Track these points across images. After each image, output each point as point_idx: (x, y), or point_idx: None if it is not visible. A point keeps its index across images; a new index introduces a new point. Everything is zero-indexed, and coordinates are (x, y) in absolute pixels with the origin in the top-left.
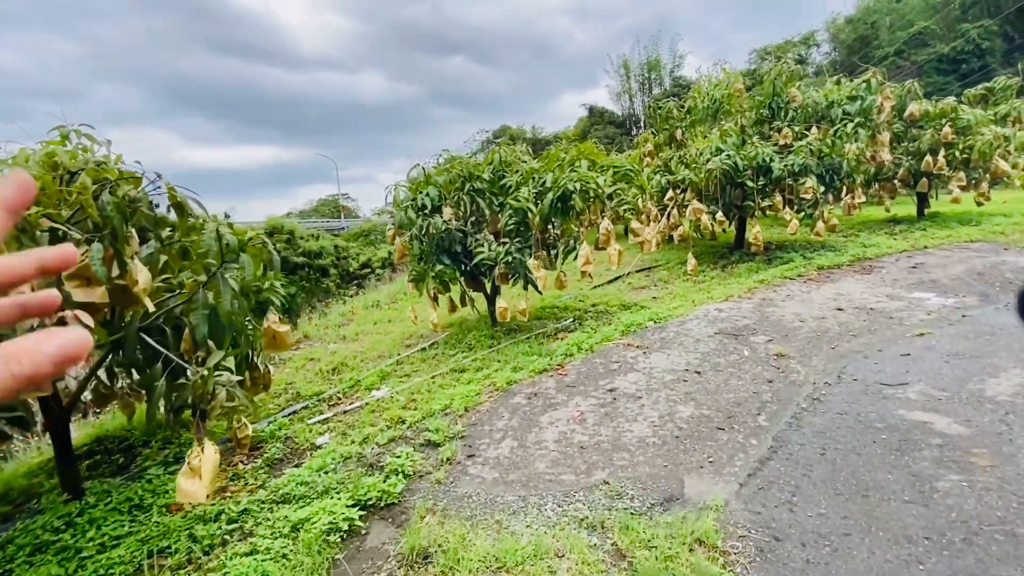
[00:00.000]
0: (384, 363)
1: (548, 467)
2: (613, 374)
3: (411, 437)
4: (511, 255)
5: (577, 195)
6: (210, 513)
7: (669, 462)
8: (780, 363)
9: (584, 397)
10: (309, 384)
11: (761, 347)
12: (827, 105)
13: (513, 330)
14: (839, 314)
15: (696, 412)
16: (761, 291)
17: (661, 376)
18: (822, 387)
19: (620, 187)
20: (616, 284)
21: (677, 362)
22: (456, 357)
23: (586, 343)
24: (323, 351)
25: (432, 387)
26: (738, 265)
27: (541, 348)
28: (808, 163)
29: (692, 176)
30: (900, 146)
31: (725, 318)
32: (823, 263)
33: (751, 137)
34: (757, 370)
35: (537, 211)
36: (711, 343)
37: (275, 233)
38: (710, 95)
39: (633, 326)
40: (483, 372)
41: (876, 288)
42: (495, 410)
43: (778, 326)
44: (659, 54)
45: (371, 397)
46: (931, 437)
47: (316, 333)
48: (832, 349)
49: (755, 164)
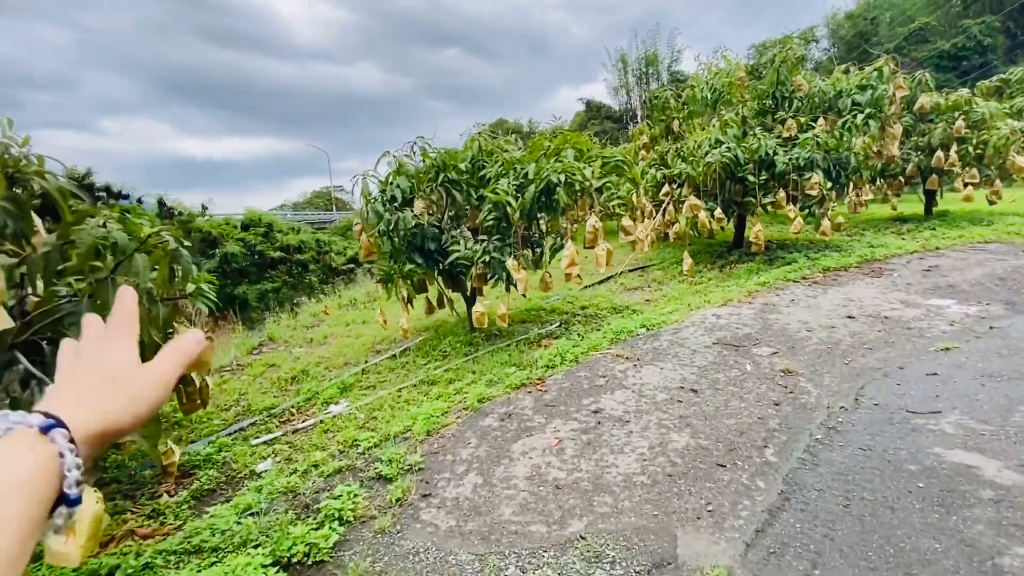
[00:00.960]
0: (348, 372)
1: (515, 513)
2: (599, 391)
3: (361, 468)
4: (489, 254)
5: (562, 188)
6: (104, 569)
7: (659, 509)
8: (787, 381)
9: (564, 420)
10: (263, 396)
11: (765, 361)
12: (835, 95)
13: (494, 335)
14: (850, 323)
15: (692, 442)
16: (763, 295)
17: (652, 395)
18: (838, 413)
19: (610, 180)
20: (608, 284)
21: (671, 377)
22: (428, 366)
23: (571, 353)
24: (286, 356)
25: (397, 402)
26: (737, 265)
27: (522, 357)
28: (814, 157)
29: (689, 170)
30: (909, 140)
31: (724, 325)
32: (829, 264)
33: (753, 128)
34: (761, 389)
35: (517, 205)
36: (709, 355)
37: (251, 226)
38: (710, 84)
39: (623, 333)
40: (455, 385)
41: (888, 293)
42: (462, 435)
43: (783, 336)
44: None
45: (328, 413)
46: (981, 488)
47: (282, 335)
48: (846, 365)
49: (757, 157)
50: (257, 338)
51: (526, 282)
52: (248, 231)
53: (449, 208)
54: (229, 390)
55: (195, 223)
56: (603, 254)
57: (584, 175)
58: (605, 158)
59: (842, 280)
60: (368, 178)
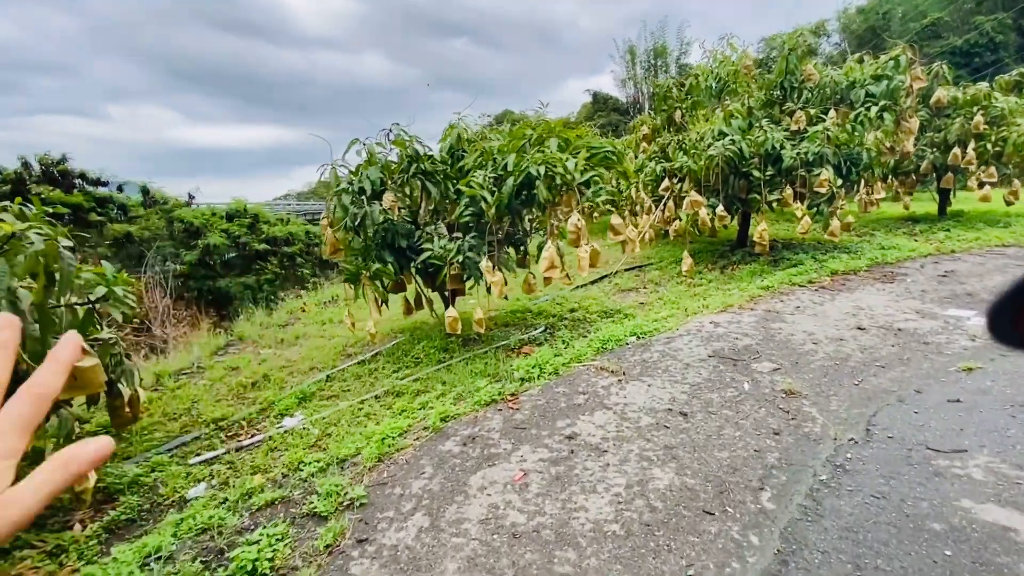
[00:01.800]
0: (312, 379)
1: (461, 570)
2: (577, 411)
3: (296, 501)
4: (464, 253)
5: (541, 181)
6: None
7: (631, 572)
8: (789, 404)
9: (534, 446)
10: (215, 405)
11: (765, 379)
12: (847, 85)
13: (472, 340)
14: (860, 335)
15: (677, 480)
16: (765, 300)
17: (636, 417)
18: (847, 447)
19: (598, 173)
20: (601, 284)
21: (659, 396)
22: (397, 374)
23: (551, 363)
24: (252, 358)
25: (356, 416)
26: (740, 266)
27: (498, 367)
28: (824, 151)
29: (691, 164)
30: (924, 136)
31: (722, 335)
32: (837, 267)
33: (759, 120)
34: (760, 414)
35: (493, 200)
36: (703, 370)
37: (236, 217)
38: (714, 73)
39: (611, 342)
40: (422, 398)
41: (902, 301)
42: (416, 462)
43: (786, 349)
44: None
45: (280, 427)
46: (1022, 561)
47: (253, 334)
48: (856, 386)
49: (763, 151)
50: (228, 336)
51: (502, 285)
52: (232, 222)
53: (428, 202)
54: (183, 396)
55: (176, 213)
56: (585, 256)
57: (566, 167)
58: (593, 149)
59: (851, 285)
60: (337, 167)
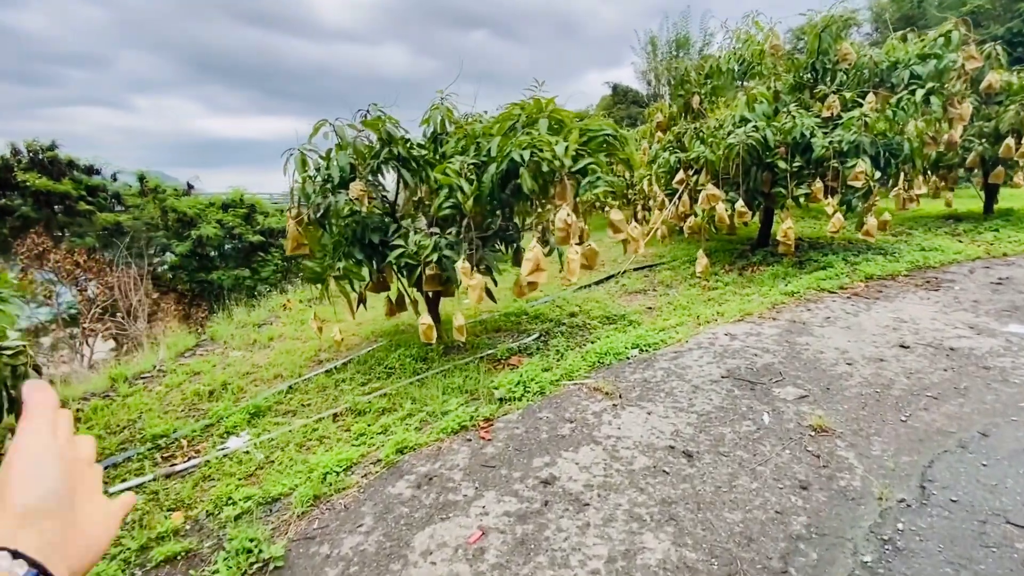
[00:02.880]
0: (273, 390)
1: None
2: (559, 446)
3: (204, 556)
4: (441, 251)
5: (526, 169)
6: None
7: None
8: (820, 445)
9: (501, 493)
10: (162, 417)
11: (789, 409)
12: (889, 66)
13: (456, 348)
14: (904, 355)
15: (674, 553)
16: (790, 308)
17: (630, 457)
18: (896, 510)
19: (596, 160)
20: (607, 285)
21: (659, 429)
22: (365, 388)
23: (538, 380)
24: (218, 361)
25: (308, 438)
26: (761, 268)
27: (478, 382)
28: (861, 140)
29: (708, 153)
30: (972, 125)
31: (739, 350)
32: (873, 271)
33: (787, 105)
34: (783, 457)
35: (471, 191)
36: (715, 395)
37: (231, 207)
38: (737, 55)
39: (609, 356)
40: (385, 419)
41: (951, 313)
42: (357, 508)
43: (814, 370)
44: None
45: (222, 449)
46: None
47: (226, 334)
48: (903, 423)
49: (790, 139)
50: (199, 336)
51: (481, 290)
52: (228, 212)
53: (407, 192)
54: (132, 406)
55: (169, 202)
56: (575, 258)
57: (555, 152)
58: (590, 131)
59: (890, 292)
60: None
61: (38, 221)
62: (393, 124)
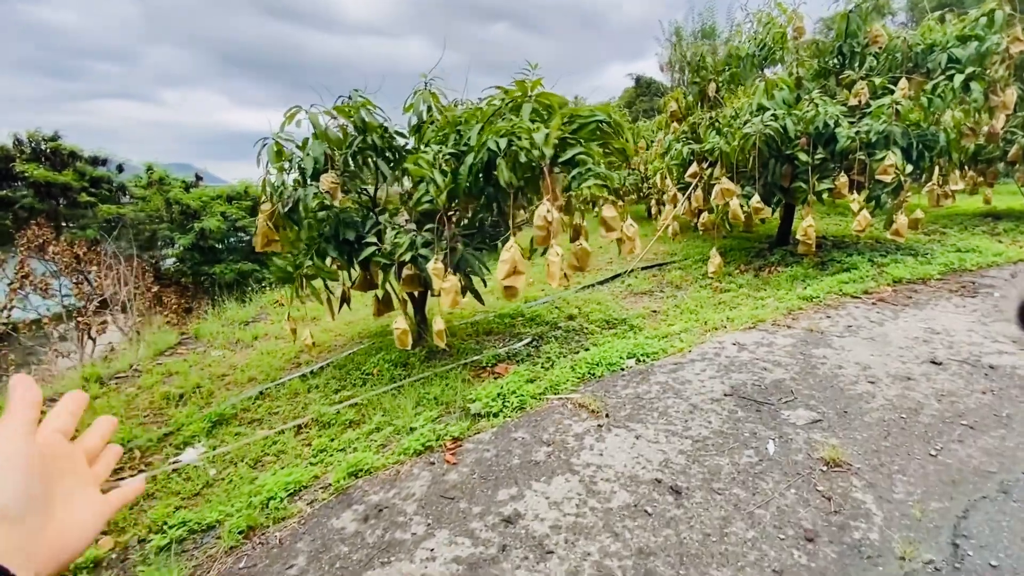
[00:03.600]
0: (245, 394)
1: None
2: (531, 474)
3: None
4: (416, 250)
5: (503, 159)
6: None
7: None
8: (832, 483)
9: (455, 532)
10: (124, 423)
11: (799, 436)
12: (924, 49)
13: (441, 353)
14: (936, 373)
15: None
16: (808, 314)
17: (609, 491)
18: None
19: (587, 149)
20: (612, 285)
21: (647, 457)
22: (337, 396)
23: (520, 393)
24: (197, 361)
25: (266, 453)
26: (779, 269)
27: (457, 392)
28: (891, 130)
29: (723, 145)
30: (1016, 115)
31: (746, 363)
32: (901, 274)
33: (810, 92)
34: (787, 498)
35: (444, 184)
36: (714, 416)
37: (235, 199)
38: (758, 39)
39: (601, 366)
40: (351, 433)
41: (990, 324)
42: (292, 545)
43: (830, 389)
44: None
45: (174, 462)
46: None
47: (212, 332)
48: (932, 457)
49: (813, 129)
50: (180, 334)
51: (455, 294)
52: (232, 204)
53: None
54: (98, 410)
55: (173, 194)
56: (555, 261)
57: (533, 140)
58: (579, 117)
59: (920, 299)
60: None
61: (42, 212)
62: (369, 110)
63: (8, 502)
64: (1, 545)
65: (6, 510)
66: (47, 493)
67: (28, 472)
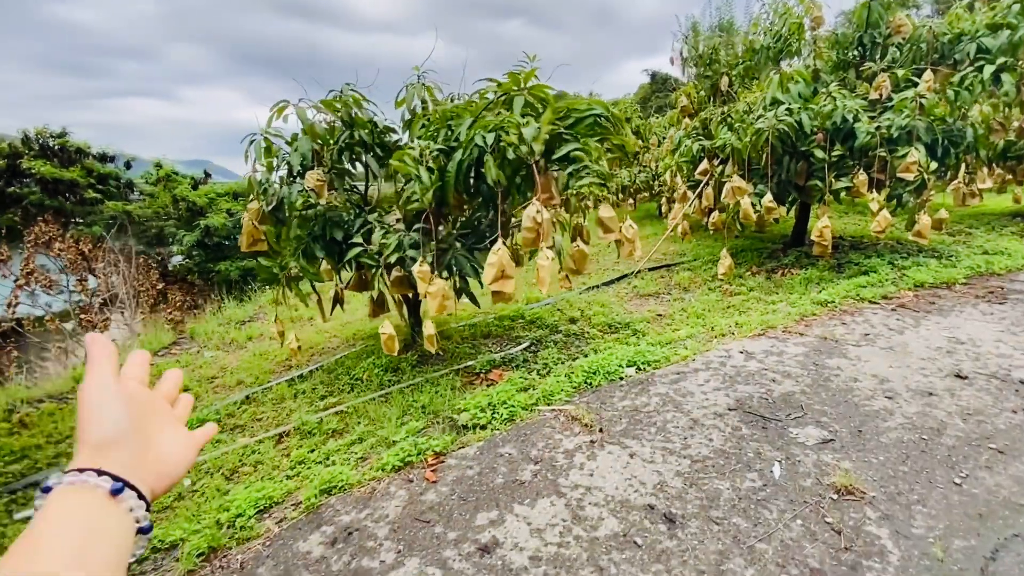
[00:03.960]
0: (231, 399)
1: None
2: (514, 495)
3: None
4: (404, 251)
5: (490, 157)
6: None
7: None
8: (843, 514)
9: (425, 561)
10: None
11: (808, 459)
12: (952, 39)
13: (434, 357)
14: (961, 388)
15: None
16: (822, 321)
17: (596, 518)
18: None
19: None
20: (618, 286)
21: (641, 478)
22: (323, 402)
23: (511, 403)
24: (188, 362)
25: (244, 462)
26: (793, 271)
27: (447, 400)
28: (915, 125)
29: (734, 141)
30: None
31: (754, 373)
32: (924, 278)
33: (828, 85)
34: (792, 531)
35: (430, 182)
36: (716, 433)
37: (241, 196)
38: (773, 30)
39: (599, 375)
40: (332, 444)
41: (1020, 334)
42: (252, 569)
43: (844, 404)
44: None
45: None
46: None
47: (207, 332)
48: (957, 486)
49: (830, 124)
50: (176, 333)
51: (442, 298)
52: (238, 201)
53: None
54: None
55: (179, 191)
56: (545, 265)
57: (521, 135)
58: (576, 112)
59: (944, 305)
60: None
61: (51, 209)
62: (361, 104)
63: (110, 431)
64: (115, 464)
65: (112, 436)
66: (142, 426)
67: (123, 406)
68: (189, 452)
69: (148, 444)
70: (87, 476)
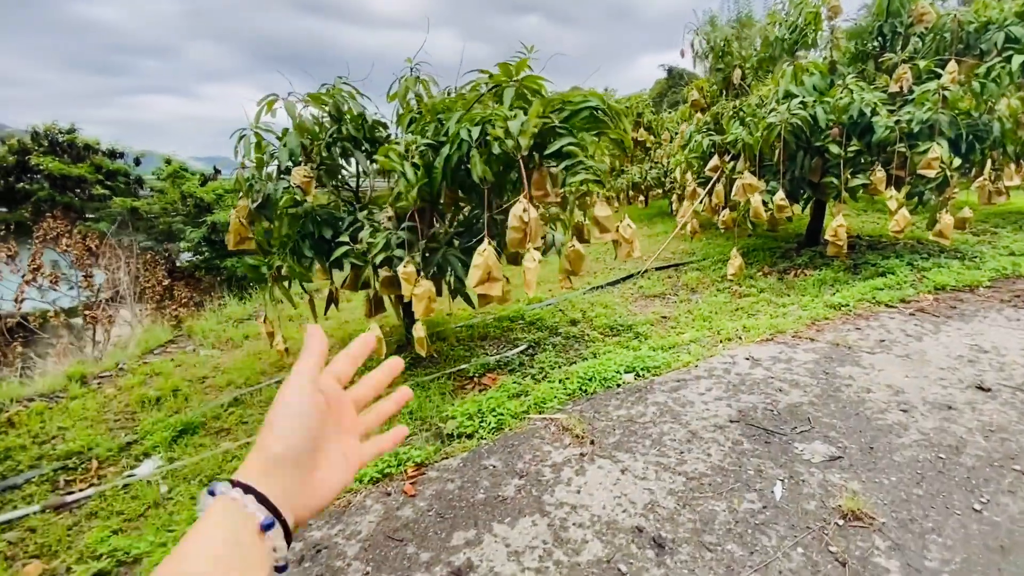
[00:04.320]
0: (218, 400)
1: None
2: (494, 513)
3: None
4: (392, 251)
5: (476, 152)
6: None
7: None
8: (849, 542)
9: None
10: (91, 428)
11: (814, 478)
12: (978, 28)
13: (427, 360)
14: (983, 402)
15: None
16: (835, 325)
17: (580, 541)
18: None
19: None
20: (623, 286)
21: (630, 497)
22: None
23: (500, 411)
24: (182, 361)
25: (224, 468)
26: (806, 272)
27: (434, 407)
28: (937, 119)
29: (745, 136)
30: None
31: (759, 381)
32: (945, 281)
33: (845, 77)
34: (793, 561)
35: (416, 178)
36: (715, 447)
37: None
38: (788, 21)
39: (595, 381)
40: None
41: None
42: None
43: (855, 417)
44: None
45: (129, 476)
46: None
47: (205, 330)
48: (977, 513)
49: (846, 118)
50: (174, 331)
51: (429, 300)
52: None
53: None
54: (73, 412)
55: (186, 187)
56: (532, 267)
57: (509, 128)
58: (571, 105)
59: (966, 310)
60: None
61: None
62: (348, 97)
63: (289, 449)
64: (277, 487)
65: (288, 454)
66: (318, 443)
67: (311, 424)
68: (346, 476)
69: (315, 465)
70: (247, 501)
